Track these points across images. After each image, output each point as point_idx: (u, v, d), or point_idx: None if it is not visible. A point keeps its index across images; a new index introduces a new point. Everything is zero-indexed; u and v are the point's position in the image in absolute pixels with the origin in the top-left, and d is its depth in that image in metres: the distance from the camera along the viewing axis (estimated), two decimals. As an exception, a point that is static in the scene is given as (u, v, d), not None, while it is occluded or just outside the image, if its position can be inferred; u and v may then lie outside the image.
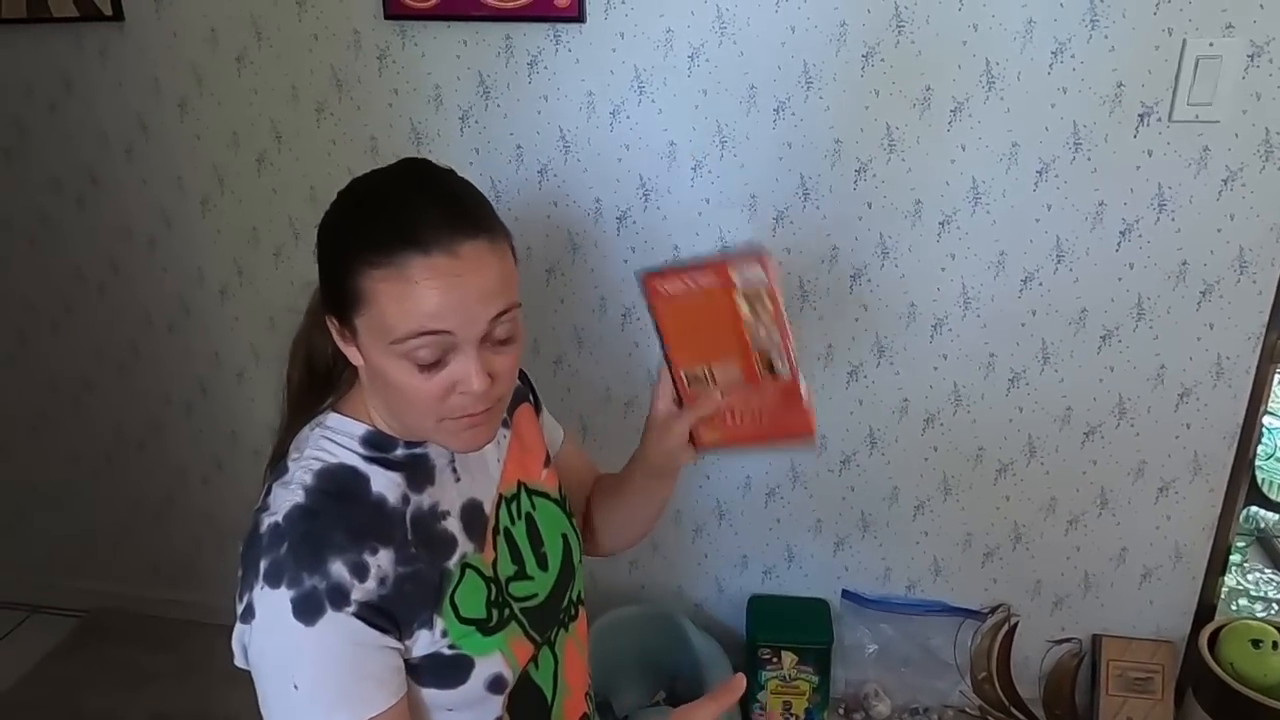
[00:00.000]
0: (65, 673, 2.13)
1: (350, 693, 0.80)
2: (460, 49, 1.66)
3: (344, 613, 0.79)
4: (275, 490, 0.85)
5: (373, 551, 0.82)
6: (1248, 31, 1.42)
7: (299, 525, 0.81)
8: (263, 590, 0.79)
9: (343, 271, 0.80)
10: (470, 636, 0.88)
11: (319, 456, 0.86)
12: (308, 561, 0.79)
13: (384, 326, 0.78)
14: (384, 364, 0.81)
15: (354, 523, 0.83)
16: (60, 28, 1.79)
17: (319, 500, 0.83)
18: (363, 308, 0.79)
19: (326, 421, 0.89)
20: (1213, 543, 1.75)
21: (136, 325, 2.03)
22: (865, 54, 1.54)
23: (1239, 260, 1.55)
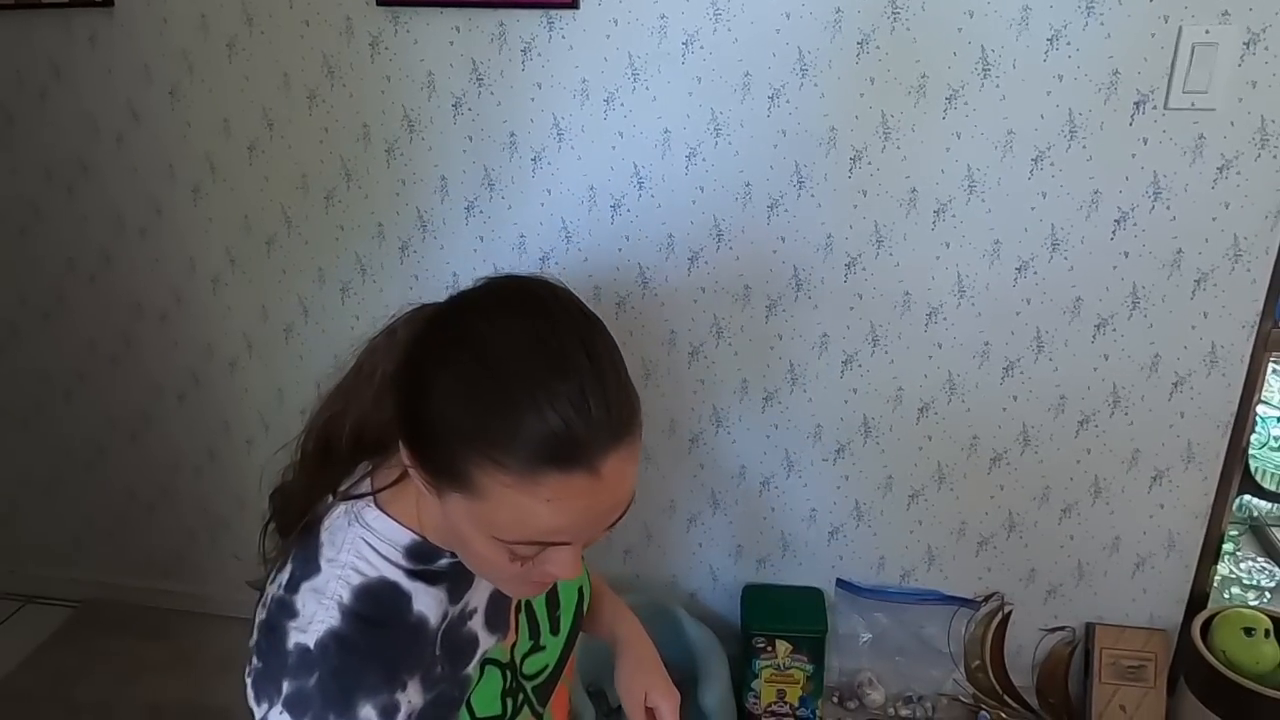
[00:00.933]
0: (59, 664, 2.13)
1: None
2: (453, 35, 1.64)
3: None
4: (305, 594, 0.76)
5: (403, 688, 0.76)
6: (1244, 19, 1.42)
7: (332, 659, 0.74)
8: (282, 714, 0.74)
9: (452, 451, 0.68)
10: None
11: (358, 568, 0.77)
12: (336, 704, 0.73)
13: (492, 522, 0.69)
14: (470, 537, 0.72)
15: (390, 655, 0.76)
16: (49, 14, 1.77)
17: (355, 627, 0.75)
18: (468, 493, 0.69)
19: (367, 518, 0.79)
20: (1205, 531, 1.75)
21: (128, 315, 2.02)
22: (860, 41, 1.53)
23: (1234, 249, 1.55)
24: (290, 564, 0.80)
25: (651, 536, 1.97)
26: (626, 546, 1.99)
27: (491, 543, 0.71)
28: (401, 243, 1.82)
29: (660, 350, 1.80)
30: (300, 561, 0.79)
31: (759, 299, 1.73)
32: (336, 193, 1.80)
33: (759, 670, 1.83)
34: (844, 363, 1.75)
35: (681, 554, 1.98)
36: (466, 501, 0.70)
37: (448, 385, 0.69)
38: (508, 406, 0.66)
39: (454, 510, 0.72)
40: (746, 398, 1.81)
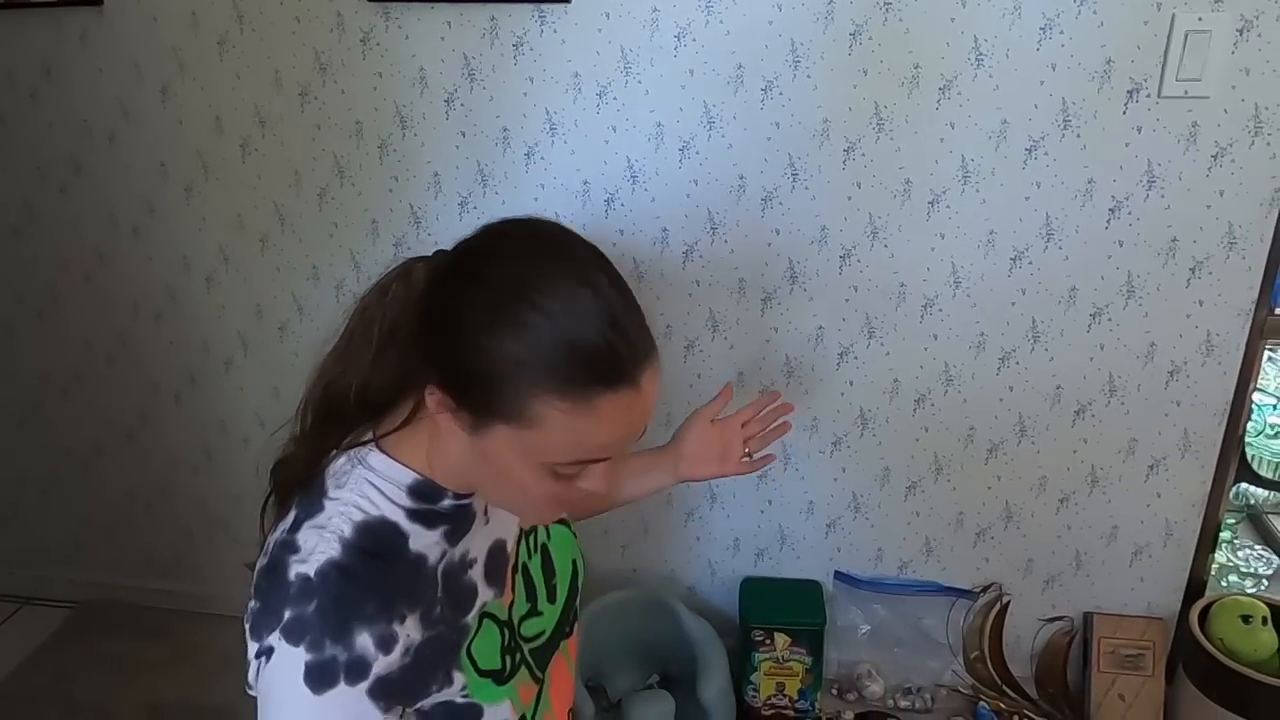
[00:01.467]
0: (58, 664, 2.13)
1: None
2: (444, 30, 1.64)
3: (357, 688, 0.75)
4: (306, 531, 0.78)
5: (401, 620, 0.77)
6: (1237, 6, 1.41)
7: (331, 586, 0.75)
8: (280, 642, 0.75)
9: (506, 389, 0.72)
10: (485, 687, 0.85)
11: (360, 505, 0.79)
12: (334, 629, 0.74)
13: (542, 448, 0.74)
14: (514, 465, 0.76)
15: (388, 588, 0.78)
16: (39, 13, 1.77)
17: (356, 559, 0.77)
18: (521, 425, 0.73)
19: (370, 460, 0.82)
20: (1203, 520, 1.75)
21: (123, 314, 2.02)
22: (853, 32, 1.52)
23: (1228, 236, 1.55)
24: (294, 510, 0.81)
25: (649, 530, 1.97)
26: (624, 541, 1.99)
27: (536, 468, 0.75)
28: (395, 239, 1.81)
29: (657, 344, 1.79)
30: (304, 506, 0.81)
31: (754, 292, 1.73)
32: (330, 190, 1.80)
33: (758, 663, 1.83)
34: (840, 355, 1.75)
35: (679, 548, 1.98)
36: (515, 432, 0.73)
37: (491, 325, 0.72)
38: (556, 336, 0.71)
39: (495, 444, 0.75)
40: (742, 391, 1.81)
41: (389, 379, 0.82)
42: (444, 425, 0.78)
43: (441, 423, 0.77)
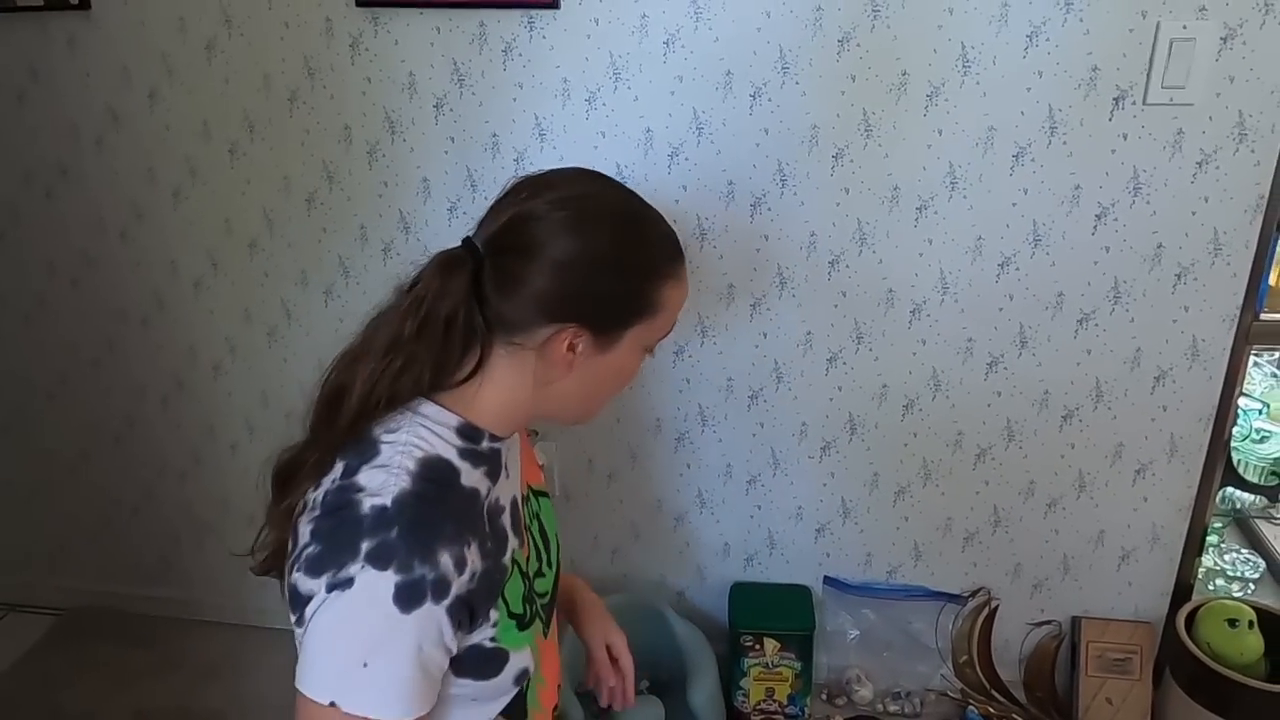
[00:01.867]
0: (44, 671, 2.11)
1: (411, 688, 0.81)
2: (434, 36, 1.64)
3: (440, 606, 0.80)
4: (368, 471, 0.83)
5: (469, 544, 0.84)
6: (1220, 14, 1.42)
7: (410, 511, 0.81)
8: (364, 569, 0.78)
9: (644, 289, 0.90)
10: (510, 631, 0.90)
11: (418, 445, 0.86)
12: (420, 550, 0.80)
13: (661, 326, 0.93)
14: (619, 360, 0.92)
15: (457, 515, 0.85)
16: (26, 17, 1.76)
17: (426, 488, 0.83)
18: (652, 314, 0.91)
19: (421, 409, 0.89)
20: (1189, 524, 1.77)
21: (110, 319, 2.01)
22: (841, 39, 1.53)
23: (1214, 243, 1.56)
24: (340, 462, 0.86)
25: (639, 536, 1.97)
26: (614, 546, 1.99)
27: (640, 352, 0.95)
28: (384, 244, 1.81)
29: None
30: (354, 455, 0.85)
31: (743, 297, 1.73)
32: (318, 195, 1.80)
33: (747, 668, 1.83)
34: (829, 360, 1.75)
35: (669, 553, 1.98)
36: (646, 324, 0.92)
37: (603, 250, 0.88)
38: (650, 233, 0.93)
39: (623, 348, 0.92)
40: (732, 396, 1.81)
41: (457, 362, 0.89)
42: (560, 365, 0.89)
43: (560, 363, 0.89)
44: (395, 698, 0.80)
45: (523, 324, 0.88)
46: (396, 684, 0.80)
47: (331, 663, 0.80)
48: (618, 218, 0.90)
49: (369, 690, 0.79)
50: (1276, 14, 1.41)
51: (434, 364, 0.88)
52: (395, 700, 0.80)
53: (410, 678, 0.80)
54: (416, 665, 0.80)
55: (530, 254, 0.86)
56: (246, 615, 2.20)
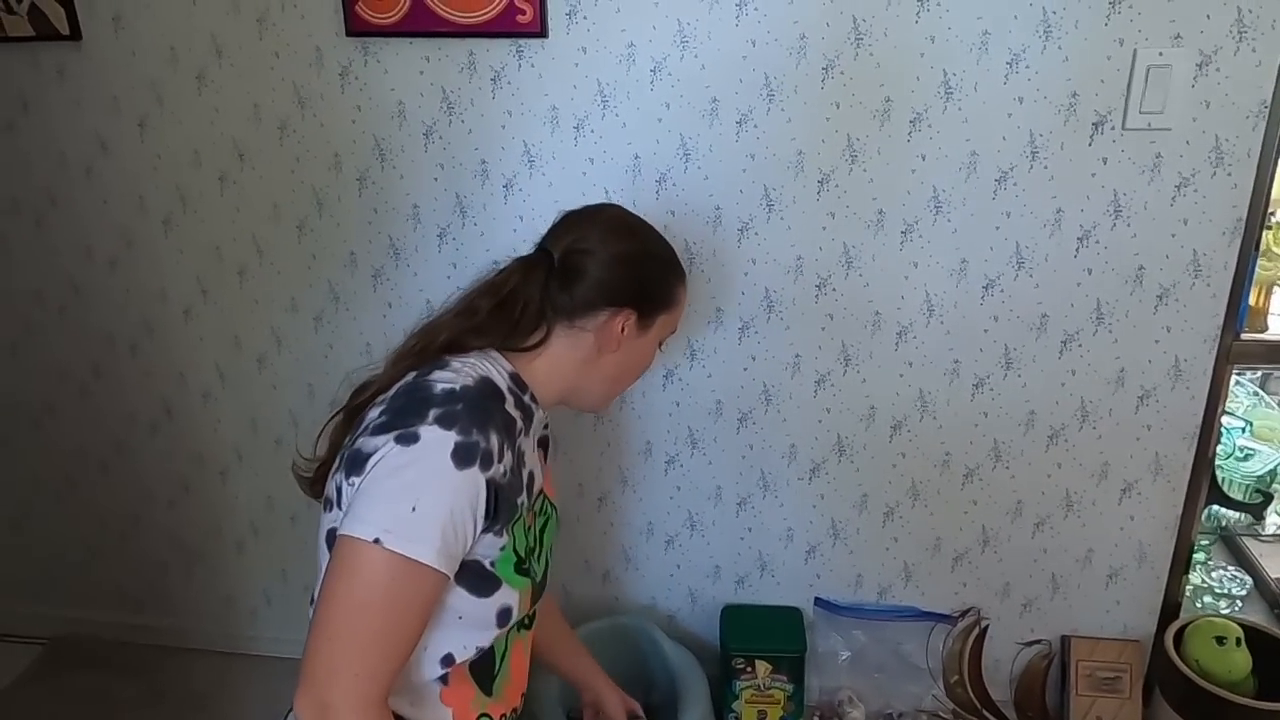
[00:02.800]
0: (29, 702, 2.09)
1: (446, 539, 0.94)
2: (423, 65, 1.66)
3: (485, 474, 0.97)
4: (437, 373, 1.03)
5: (507, 445, 1.02)
6: (1196, 41, 1.45)
7: (474, 395, 1.01)
8: (431, 427, 0.96)
9: (667, 290, 1.21)
10: (508, 564, 1.05)
11: (480, 369, 1.06)
12: (479, 422, 0.98)
13: (674, 319, 1.24)
14: (647, 344, 1.21)
15: (503, 420, 1.03)
16: (16, 47, 1.77)
17: (485, 390, 1.04)
18: (670, 307, 1.22)
19: (491, 354, 1.11)
20: (1175, 542, 1.78)
21: (99, 347, 2.01)
22: (825, 66, 1.56)
23: (1193, 264, 1.58)
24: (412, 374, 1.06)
25: (630, 559, 1.97)
26: (605, 569, 1.98)
27: (656, 342, 1.23)
28: (374, 271, 1.82)
29: (635, 373, 1.81)
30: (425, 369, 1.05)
31: (731, 321, 1.74)
32: (308, 222, 1.81)
33: (739, 691, 1.83)
34: (817, 383, 1.77)
35: (660, 576, 1.98)
36: (669, 315, 1.22)
37: (658, 261, 1.22)
38: (671, 254, 1.25)
39: (653, 332, 1.21)
40: (721, 419, 1.82)
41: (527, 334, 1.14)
42: (612, 342, 1.15)
43: (612, 341, 1.15)
44: (432, 541, 0.93)
45: (586, 308, 1.13)
46: (437, 530, 0.93)
47: (383, 504, 0.93)
48: (647, 228, 1.22)
49: (412, 531, 0.92)
50: (1250, 41, 1.44)
51: (502, 335, 1.12)
52: (431, 544, 0.93)
53: (447, 531, 0.94)
54: (456, 522, 0.95)
55: (590, 254, 1.13)
56: (235, 644, 2.19)
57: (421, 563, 0.92)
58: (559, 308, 1.14)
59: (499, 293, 1.13)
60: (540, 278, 1.14)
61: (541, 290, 1.13)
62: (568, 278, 1.13)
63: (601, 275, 1.13)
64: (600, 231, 1.17)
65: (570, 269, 1.14)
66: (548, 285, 1.14)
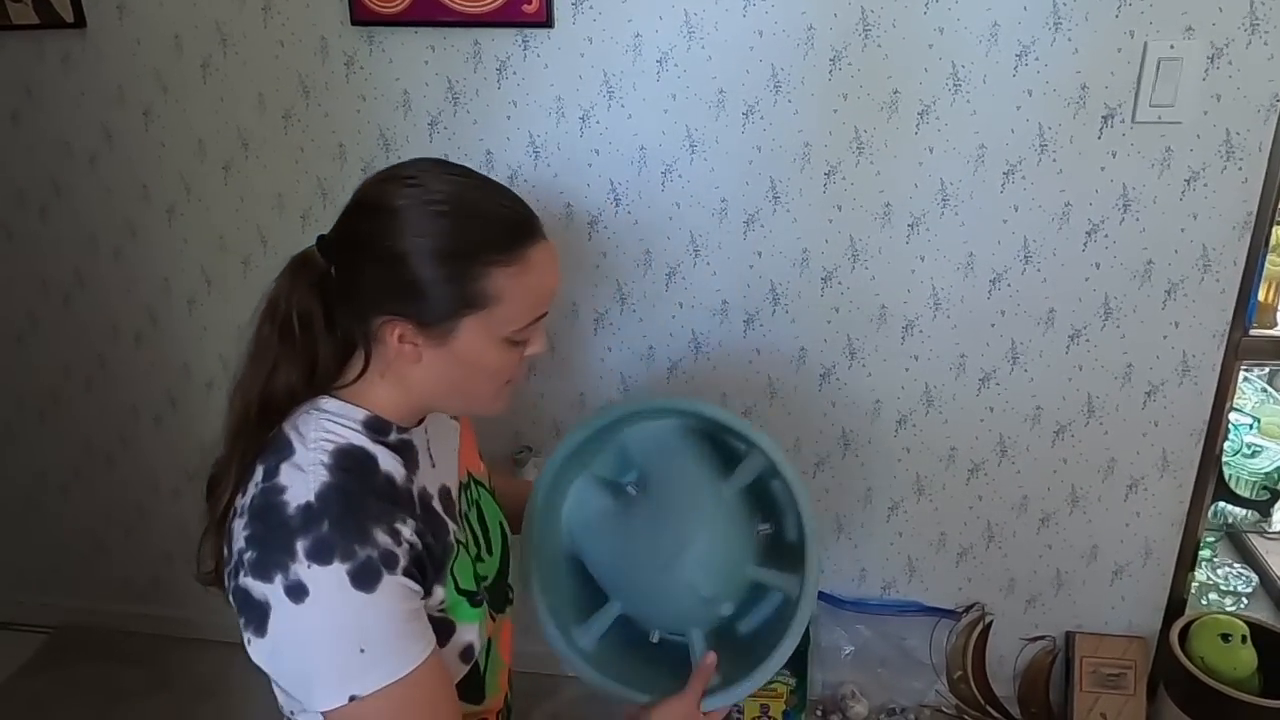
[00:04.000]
0: (34, 691, 2.10)
1: (410, 635, 0.84)
2: (428, 55, 1.65)
3: (396, 574, 0.83)
4: (286, 471, 0.85)
5: (402, 520, 0.86)
6: (1207, 34, 1.44)
7: (334, 503, 0.83)
8: (310, 569, 0.80)
9: (466, 278, 0.85)
10: (460, 605, 0.93)
11: (328, 438, 0.87)
12: (355, 535, 0.82)
13: (507, 318, 0.87)
14: (481, 353, 0.88)
15: (381, 494, 0.87)
16: (20, 35, 1.76)
17: (344, 478, 0.85)
18: (484, 304, 0.86)
19: (324, 405, 0.90)
20: (1182, 539, 1.77)
21: (103, 337, 2.01)
22: (833, 58, 1.54)
23: (1203, 259, 1.57)
24: (259, 465, 0.87)
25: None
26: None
27: (501, 345, 0.89)
28: (379, 261, 1.81)
29: (639, 365, 1.81)
30: (271, 456, 0.87)
31: (736, 314, 1.74)
32: (313, 212, 1.80)
33: (742, 685, 1.82)
34: (821, 376, 1.76)
35: (663, 569, 1.97)
36: (483, 317, 0.86)
37: (426, 236, 0.84)
38: (476, 219, 0.86)
39: (465, 339, 0.87)
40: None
41: (329, 357, 0.92)
42: (406, 355, 0.88)
43: (405, 354, 0.88)
44: (405, 652, 0.83)
45: (360, 317, 0.89)
46: (399, 642, 0.83)
47: (330, 667, 0.82)
48: (442, 206, 0.85)
49: (377, 667, 0.82)
50: (1262, 34, 1.43)
51: (304, 362, 0.90)
52: (405, 654, 0.83)
53: (408, 631, 0.84)
54: (407, 619, 0.84)
55: (359, 247, 0.87)
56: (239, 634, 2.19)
57: (407, 673, 0.83)
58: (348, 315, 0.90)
59: (275, 313, 0.90)
60: (314, 278, 0.90)
61: (316, 297, 0.90)
62: (340, 278, 0.89)
63: (363, 276, 0.87)
64: (375, 214, 0.87)
65: (341, 268, 0.89)
66: (324, 285, 0.90)
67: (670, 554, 1.09)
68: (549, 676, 0.99)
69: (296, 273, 0.90)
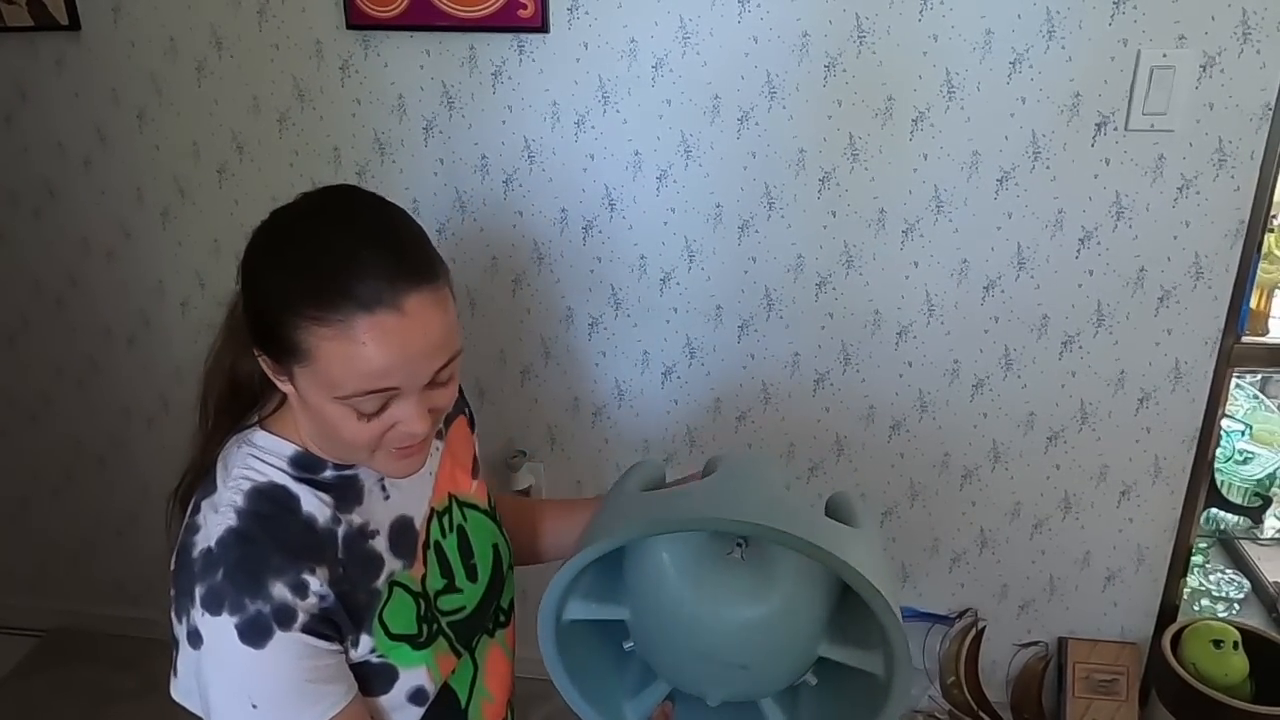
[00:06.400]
0: (25, 694, 2.09)
1: (310, 695, 0.81)
2: (424, 59, 1.65)
3: (292, 631, 0.79)
4: (204, 511, 0.83)
5: (311, 570, 0.81)
6: (1200, 43, 1.45)
7: (233, 551, 0.79)
8: (204, 617, 0.78)
9: (279, 322, 0.76)
10: (399, 649, 0.89)
11: (248, 476, 0.84)
12: (248, 587, 0.78)
13: (327, 382, 0.77)
14: (322, 407, 0.79)
15: (288, 543, 0.82)
16: (14, 37, 1.76)
17: (250, 523, 0.81)
18: (303, 360, 0.77)
19: (254, 439, 0.87)
20: (1174, 545, 1.78)
21: (95, 339, 2.00)
22: (827, 64, 1.55)
23: (1195, 266, 1.58)
24: (194, 499, 0.86)
25: (626, 557, 1.96)
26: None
27: (337, 405, 0.78)
28: (373, 265, 1.81)
29: (633, 370, 1.81)
30: (202, 492, 0.85)
31: (731, 319, 1.74)
32: (307, 215, 1.80)
33: (735, 690, 1.81)
34: (816, 382, 1.76)
35: (657, 574, 1.97)
36: (307, 371, 0.77)
37: (264, 268, 0.79)
38: (310, 262, 0.76)
39: (304, 389, 0.79)
40: (720, 417, 1.82)
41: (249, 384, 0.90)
42: (282, 386, 0.82)
43: (280, 386, 0.82)
44: (298, 714, 0.80)
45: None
46: (292, 703, 0.80)
47: (224, 717, 0.81)
48: (279, 242, 0.80)
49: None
50: (1254, 43, 1.44)
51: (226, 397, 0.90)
52: (302, 712, 0.80)
53: (302, 692, 0.80)
54: (304, 680, 0.80)
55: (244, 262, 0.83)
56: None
57: None
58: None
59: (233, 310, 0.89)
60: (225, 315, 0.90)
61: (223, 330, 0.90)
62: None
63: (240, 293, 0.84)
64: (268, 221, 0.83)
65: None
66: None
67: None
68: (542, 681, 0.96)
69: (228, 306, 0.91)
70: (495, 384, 1.87)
